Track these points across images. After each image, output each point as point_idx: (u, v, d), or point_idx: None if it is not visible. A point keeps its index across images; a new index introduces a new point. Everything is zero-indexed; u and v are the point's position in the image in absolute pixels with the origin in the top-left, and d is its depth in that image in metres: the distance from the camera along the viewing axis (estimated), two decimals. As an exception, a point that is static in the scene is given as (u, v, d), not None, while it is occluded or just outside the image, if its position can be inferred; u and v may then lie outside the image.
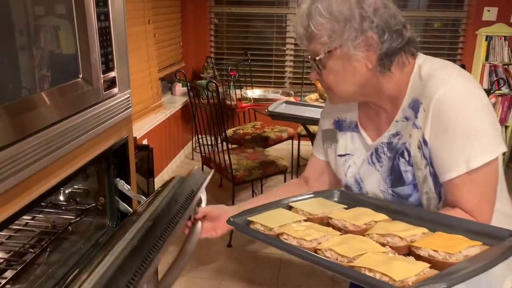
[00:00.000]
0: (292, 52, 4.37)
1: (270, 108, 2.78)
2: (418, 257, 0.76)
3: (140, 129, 3.12)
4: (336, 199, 1.07)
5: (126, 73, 1.30)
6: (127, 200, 1.39)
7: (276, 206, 1.00)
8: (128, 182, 1.42)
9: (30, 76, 0.92)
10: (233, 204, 3.00)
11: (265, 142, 3.43)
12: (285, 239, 0.84)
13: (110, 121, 1.22)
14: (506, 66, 3.88)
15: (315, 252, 0.79)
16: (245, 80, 3.89)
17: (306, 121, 2.78)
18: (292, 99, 3.12)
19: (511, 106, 3.96)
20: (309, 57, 0.99)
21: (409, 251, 0.80)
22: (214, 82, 2.67)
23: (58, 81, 1.00)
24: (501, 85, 3.81)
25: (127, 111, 1.32)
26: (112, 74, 1.21)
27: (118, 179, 1.38)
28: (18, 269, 1.10)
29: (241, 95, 3.43)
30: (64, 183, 1.07)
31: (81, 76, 1.08)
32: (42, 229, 1.33)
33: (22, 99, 0.88)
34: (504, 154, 4.03)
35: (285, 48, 4.36)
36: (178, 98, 4.12)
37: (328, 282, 2.42)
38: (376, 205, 0.98)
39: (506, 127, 4.01)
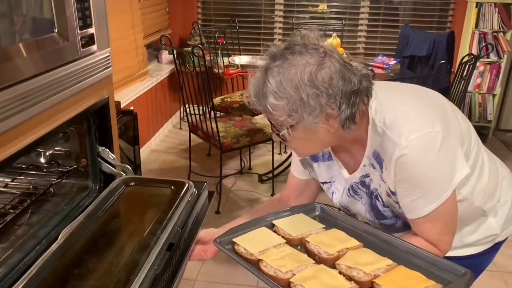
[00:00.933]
0: (281, 19, 4.29)
1: (258, 75, 2.75)
2: None
3: (126, 97, 3.07)
4: (317, 213, 1.15)
5: (105, 31, 1.26)
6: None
7: (260, 223, 1.10)
8: (111, 148, 1.40)
9: (3, 27, 0.88)
10: (220, 171, 3.01)
11: (253, 110, 3.40)
12: (264, 266, 0.94)
13: (89, 80, 1.19)
14: (495, 34, 3.86)
15: (289, 284, 0.89)
16: (233, 48, 3.83)
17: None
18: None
19: (499, 75, 3.96)
20: (270, 123, 0.98)
21: (371, 285, 0.89)
22: (200, 47, 2.61)
23: (32, 34, 0.97)
24: (489, 51, 3.80)
25: (107, 70, 1.29)
26: (90, 30, 1.17)
27: (102, 148, 1.36)
28: (-2, 228, 1.09)
29: (229, 61, 3.38)
30: (42, 142, 1.05)
31: (56, 30, 1.04)
32: (23, 190, 1.31)
33: (-8, 51, 0.85)
34: (490, 123, 4.06)
35: (274, 15, 4.28)
36: (164, 66, 4.05)
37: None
38: (353, 226, 1.07)
39: (494, 96, 4.03)
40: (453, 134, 0.96)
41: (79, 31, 1.11)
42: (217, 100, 3.47)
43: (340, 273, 0.92)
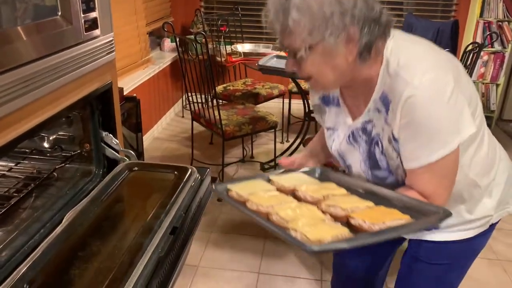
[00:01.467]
0: (284, 8, 4.26)
1: (261, 62, 2.73)
2: (350, 225, 0.89)
3: (128, 84, 3.06)
4: (316, 176, 1.15)
5: (108, 15, 1.25)
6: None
7: (259, 177, 1.12)
8: (114, 133, 1.40)
9: (6, 9, 0.88)
10: (223, 160, 3.01)
11: (255, 98, 3.40)
12: (250, 204, 0.96)
13: (92, 64, 1.18)
14: (500, 23, 3.83)
15: (267, 217, 0.91)
16: (235, 36, 3.80)
17: (297, 76, 2.74)
18: (283, 53, 3.06)
19: (503, 64, 3.93)
20: (286, 50, 0.98)
21: (347, 220, 0.91)
22: (203, 34, 2.60)
23: (35, 17, 0.96)
24: (494, 39, 3.77)
25: (110, 55, 1.29)
26: (93, 14, 1.16)
27: (106, 133, 1.36)
28: (2, 211, 1.09)
29: (231, 49, 3.36)
30: (45, 126, 1.05)
31: (59, 13, 1.03)
32: (27, 174, 1.32)
33: (-4, 33, 0.84)
34: (493, 113, 4.04)
35: (276, 3, 4.25)
36: (167, 53, 4.03)
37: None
38: (350, 183, 1.07)
39: (497, 85, 4.01)
40: (463, 91, 0.94)
41: (82, 15, 1.11)
42: (219, 88, 3.46)
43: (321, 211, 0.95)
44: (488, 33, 3.76)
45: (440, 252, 1.17)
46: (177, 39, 2.94)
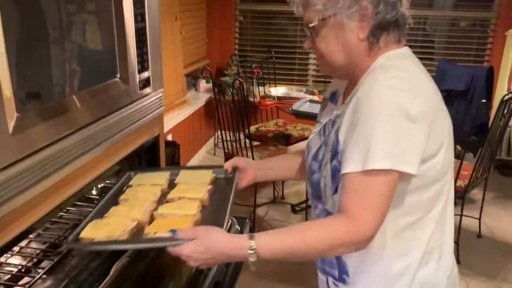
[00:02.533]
0: (316, 50, 4.35)
1: (294, 107, 2.79)
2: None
3: (165, 125, 3.16)
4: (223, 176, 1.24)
5: (159, 72, 1.33)
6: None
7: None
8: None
9: (73, 76, 0.96)
10: (254, 200, 3.03)
11: (287, 140, 3.44)
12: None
13: (144, 119, 1.25)
14: (536, 69, 3.79)
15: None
16: (268, 77, 3.90)
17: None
18: (316, 97, 3.12)
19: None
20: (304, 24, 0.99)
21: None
22: (239, 80, 2.69)
23: (97, 80, 1.04)
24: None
25: (160, 109, 1.35)
26: (147, 73, 1.24)
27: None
28: (55, 260, 1.14)
29: (265, 92, 3.44)
30: (100, 179, 1.11)
31: (118, 76, 1.11)
32: (75, 221, 1.37)
33: (65, 99, 0.91)
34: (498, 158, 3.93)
35: (309, 46, 4.35)
36: (202, 94, 4.15)
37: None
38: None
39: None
40: (426, 133, 0.86)
41: (137, 75, 1.18)
42: (252, 128, 3.52)
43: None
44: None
45: None
46: (214, 82, 3.04)
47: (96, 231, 0.97)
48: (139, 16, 1.16)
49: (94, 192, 1.46)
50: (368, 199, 0.85)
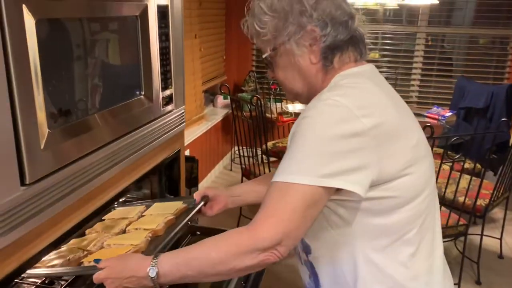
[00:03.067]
0: (333, 67, 4.38)
1: (312, 124, 2.80)
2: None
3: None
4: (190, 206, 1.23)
5: (181, 90, 1.36)
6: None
7: None
8: (177, 195, 1.48)
9: (100, 95, 0.99)
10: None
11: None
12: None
13: (166, 136, 1.28)
14: (557, 86, 3.74)
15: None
16: (285, 94, 3.93)
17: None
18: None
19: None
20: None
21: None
22: (257, 96, 2.72)
23: (123, 98, 1.07)
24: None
25: (181, 125, 1.38)
26: (170, 90, 1.27)
27: (171, 196, 1.44)
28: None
29: (282, 109, 3.46)
30: (123, 194, 1.14)
31: (143, 93, 1.14)
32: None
33: (92, 116, 0.95)
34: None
35: (326, 63, 4.38)
36: (219, 110, 4.20)
37: None
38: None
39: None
40: (380, 153, 0.81)
41: (161, 92, 1.22)
42: (268, 144, 3.54)
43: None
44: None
45: None
46: (231, 98, 3.08)
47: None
48: (164, 36, 1.20)
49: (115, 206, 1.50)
50: (276, 208, 0.80)
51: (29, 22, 0.73)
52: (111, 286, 0.87)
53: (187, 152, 3.23)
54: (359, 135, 0.79)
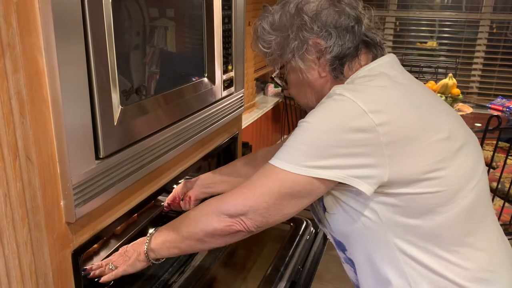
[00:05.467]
0: (388, 56, 4.25)
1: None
2: None
3: (235, 127, 3.23)
4: None
5: (242, 73, 1.37)
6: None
7: None
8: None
9: (167, 75, 1.01)
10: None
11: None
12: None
13: (225, 118, 1.29)
14: None
15: None
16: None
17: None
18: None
19: None
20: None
21: None
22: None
23: (188, 79, 1.09)
24: None
25: (240, 109, 1.39)
26: (231, 74, 1.28)
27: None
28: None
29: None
30: (186, 173, 1.16)
31: (206, 75, 1.15)
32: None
33: (159, 96, 0.97)
34: None
35: (380, 52, 4.26)
36: (269, 98, 4.19)
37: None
38: None
39: None
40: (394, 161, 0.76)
41: (222, 75, 1.23)
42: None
43: None
44: None
45: None
46: (284, 87, 3.07)
47: None
48: (226, 18, 1.20)
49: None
50: (254, 184, 0.82)
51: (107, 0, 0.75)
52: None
53: (238, 139, 3.26)
54: (366, 131, 0.75)
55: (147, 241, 0.93)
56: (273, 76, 0.95)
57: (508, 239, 0.97)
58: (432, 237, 0.82)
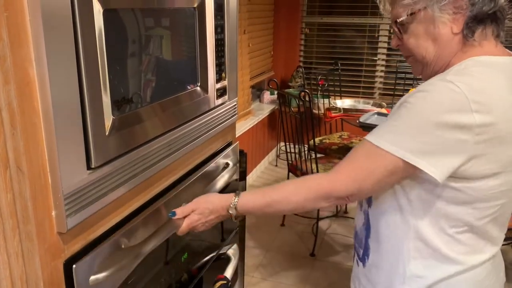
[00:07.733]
0: (383, 63, 4.27)
1: (362, 119, 2.75)
2: None
3: (231, 134, 3.24)
4: None
5: (235, 82, 1.37)
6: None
7: None
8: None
9: (159, 84, 1.02)
10: (318, 213, 3.00)
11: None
12: None
13: (219, 127, 1.30)
14: None
15: None
16: (334, 89, 3.88)
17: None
18: (384, 110, 3.05)
19: None
20: (391, 22, 0.96)
21: None
22: (306, 91, 2.70)
23: (181, 88, 1.09)
24: None
25: (233, 117, 1.40)
26: (224, 83, 1.28)
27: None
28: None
29: (330, 104, 3.42)
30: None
31: (199, 84, 1.16)
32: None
33: (151, 105, 0.97)
34: None
35: (376, 58, 4.28)
36: (265, 105, 4.21)
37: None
38: None
39: None
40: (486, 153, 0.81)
41: (215, 84, 1.23)
42: (316, 140, 3.51)
43: None
44: None
45: None
46: (279, 94, 3.08)
47: None
48: (219, 28, 1.21)
49: (168, 195, 1.53)
50: (359, 167, 0.88)
51: (98, 10, 0.76)
52: (201, 228, 1.03)
53: (234, 147, 3.26)
54: (464, 128, 0.79)
55: (231, 210, 0.98)
56: (397, 21, 0.91)
57: (508, 243, 1.06)
58: (451, 220, 0.90)
